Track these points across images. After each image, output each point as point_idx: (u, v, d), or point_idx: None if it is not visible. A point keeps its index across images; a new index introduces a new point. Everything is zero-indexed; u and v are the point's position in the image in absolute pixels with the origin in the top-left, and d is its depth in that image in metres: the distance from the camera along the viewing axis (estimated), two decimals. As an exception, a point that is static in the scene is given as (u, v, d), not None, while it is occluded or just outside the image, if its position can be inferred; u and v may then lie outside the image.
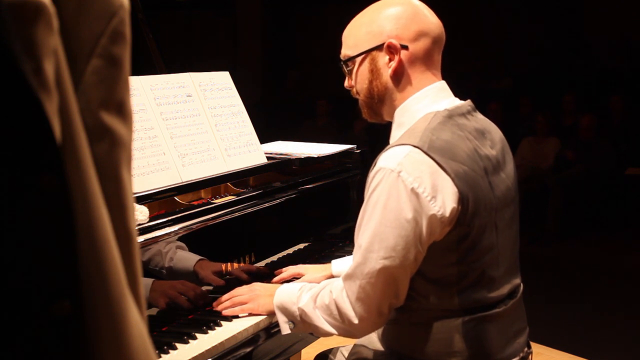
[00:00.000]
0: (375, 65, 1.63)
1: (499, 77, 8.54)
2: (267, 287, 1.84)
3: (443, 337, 1.57)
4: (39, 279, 0.52)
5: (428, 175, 1.47)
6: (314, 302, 1.64)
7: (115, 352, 0.59)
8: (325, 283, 1.68)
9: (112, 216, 0.60)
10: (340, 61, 1.70)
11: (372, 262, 1.51)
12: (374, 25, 1.62)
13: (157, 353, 1.60)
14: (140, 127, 1.92)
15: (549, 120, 6.41)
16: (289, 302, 1.69)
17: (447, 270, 1.54)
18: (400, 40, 1.59)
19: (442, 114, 1.56)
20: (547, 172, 6.21)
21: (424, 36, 1.60)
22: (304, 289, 1.68)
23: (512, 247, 1.66)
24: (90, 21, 0.59)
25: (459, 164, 1.49)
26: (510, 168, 1.68)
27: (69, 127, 0.55)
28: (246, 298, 1.81)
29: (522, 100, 7.29)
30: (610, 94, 6.81)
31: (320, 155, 2.41)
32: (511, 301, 1.63)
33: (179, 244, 1.81)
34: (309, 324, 1.66)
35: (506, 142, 1.72)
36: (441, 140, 1.50)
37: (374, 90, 1.65)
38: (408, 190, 1.46)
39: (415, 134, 1.52)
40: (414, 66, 1.61)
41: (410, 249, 1.48)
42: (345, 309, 1.57)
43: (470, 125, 1.60)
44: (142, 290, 0.65)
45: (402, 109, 1.63)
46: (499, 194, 1.58)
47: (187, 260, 1.85)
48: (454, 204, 1.48)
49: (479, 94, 8.17)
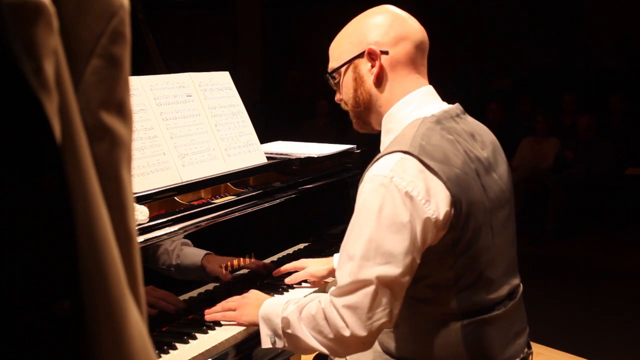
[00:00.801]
0: (358, 73, 1.65)
1: (499, 77, 8.54)
2: (258, 297, 1.79)
3: (443, 342, 1.56)
4: (39, 279, 0.52)
5: (421, 179, 1.46)
6: (299, 313, 1.57)
7: (115, 352, 0.59)
8: (314, 296, 1.62)
9: (112, 216, 0.60)
10: (327, 74, 1.73)
11: (368, 269, 1.46)
12: (355, 35, 1.66)
13: (157, 353, 1.60)
14: (140, 127, 1.92)
15: (549, 120, 6.41)
16: (273, 313, 1.64)
17: (444, 274, 1.53)
18: (380, 46, 1.62)
19: (430, 120, 1.56)
20: (547, 172, 6.21)
21: (404, 40, 1.62)
22: (291, 301, 1.64)
23: (509, 248, 1.66)
24: (90, 21, 0.59)
25: (450, 167, 1.49)
26: (503, 169, 1.67)
27: (69, 127, 0.55)
28: (234, 305, 1.79)
29: (522, 100, 7.29)
30: (610, 94, 6.81)
31: (320, 155, 2.41)
32: (511, 302, 1.63)
33: (184, 241, 1.82)
34: (290, 335, 1.59)
35: (498, 144, 1.71)
36: (431, 145, 1.50)
37: (360, 98, 1.67)
38: (402, 194, 1.45)
39: (405, 141, 1.52)
40: (396, 71, 1.62)
41: (407, 255, 1.45)
42: (334, 319, 1.50)
43: (459, 128, 1.60)
44: (142, 290, 0.65)
45: (389, 115, 1.64)
46: (492, 196, 1.57)
47: (194, 256, 1.86)
48: (447, 207, 1.47)
49: (479, 94, 8.19)
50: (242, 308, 1.77)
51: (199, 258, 1.87)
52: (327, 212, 2.45)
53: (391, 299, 1.48)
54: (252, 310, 1.73)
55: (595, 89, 7.36)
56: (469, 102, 6.52)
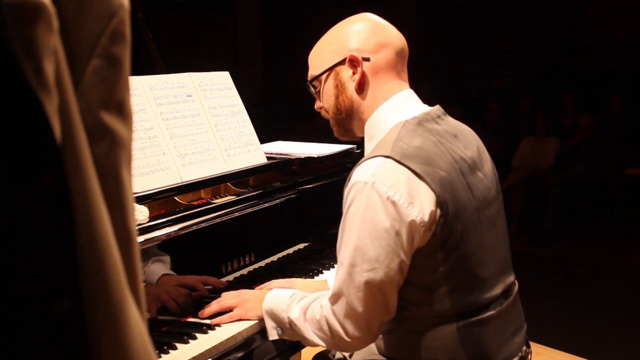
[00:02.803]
0: (339, 80, 1.66)
1: (499, 77, 8.54)
2: (255, 292, 1.81)
3: (440, 344, 1.56)
4: (39, 278, 0.52)
5: (403, 182, 1.46)
6: (304, 315, 1.62)
7: (115, 352, 0.59)
8: (316, 295, 1.66)
9: (112, 216, 0.60)
10: (307, 82, 1.74)
11: (357, 276, 1.49)
12: (335, 43, 1.67)
13: (157, 353, 1.60)
14: (140, 127, 1.92)
15: (549, 120, 6.41)
16: (278, 308, 1.67)
17: (435, 276, 1.53)
18: (362, 53, 1.62)
19: (411, 122, 1.57)
20: (547, 172, 6.21)
21: (385, 47, 1.63)
22: (294, 298, 1.66)
23: (500, 246, 1.65)
24: (90, 21, 0.59)
25: (433, 169, 1.49)
26: (488, 167, 1.68)
27: (69, 127, 0.55)
28: (234, 303, 1.77)
29: (522, 100, 7.29)
30: (610, 94, 6.81)
31: (320, 155, 2.41)
32: (506, 301, 1.63)
33: (157, 257, 1.76)
34: (298, 334, 1.65)
35: (481, 143, 1.72)
36: (412, 147, 1.51)
37: (341, 105, 1.67)
38: (384, 199, 1.46)
39: (387, 145, 1.52)
40: (378, 77, 1.63)
41: (393, 259, 1.47)
42: (335, 327, 1.55)
43: (441, 129, 1.60)
44: (142, 290, 0.65)
45: (371, 121, 1.64)
46: (478, 195, 1.57)
47: (153, 275, 1.76)
48: (432, 207, 1.47)
49: (479, 94, 8.19)
50: (244, 304, 1.77)
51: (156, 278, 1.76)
52: (327, 212, 2.45)
53: (383, 300, 1.51)
54: (255, 304, 1.74)
55: (595, 89, 7.36)
56: (469, 102, 6.54)
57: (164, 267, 1.78)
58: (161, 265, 1.77)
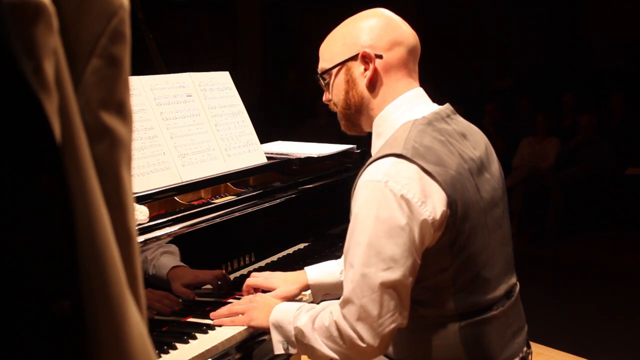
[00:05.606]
0: (350, 76, 1.65)
1: (499, 77, 8.54)
2: (267, 301, 1.77)
3: (442, 344, 1.56)
4: (39, 278, 0.52)
5: (416, 181, 1.46)
6: (312, 324, 1.57)
7: (115, 352, 0.59)
8: (325, 304, 1.62)
9: (112, 216, 0.60)
10: (317, 75, 1.73)
11: (372, 277, 1.45)
12: (348, 37, 1.65)
13: (157, 353, 1.60)
14: (140, 127, 1.92)
15: (549, 120, 6.41)
16: (285, 320, 1.63)
17: (442, 276, 1.52)
18: (375, 50, 1.61)
19: (420, 122, 1.56)
20: (547, 172, 6.20)
21: (398, 45, 1.62)
22: (302, 309, 1.63)
23: (504, 247, 1.65)
24: (90, 21, 0.59)
25: (444, 168, 1.49)
26: (495, 168, 1.68)
27: (69, 127, 0.55)
28: (242, 309, 1.77)
29: (522, 100, 7.29)
30: (610, 94, 6.81)
31: (320, 155, 2.41)
32: (508, 302, 1.63)
33: (166, 249, 1.76)
34: (305, 344, 1.59)
35: (489, 143, 1.72)
36: (424, 147, 1.50)
37: (351, 101, 1.66)
38: (398, 197, 1.45)
39: (397, 144, 1.51)
40: (389, 75, 1.63)
41: (409, 257, 1.45)
42: (346, 332, 1.49)
43: (450, 129, 1.60)
44: (142, 290, 0.65)
45: (380, 118, 1.64)
46: (485, 195, 1.57)
47: (163, 268, 1.76)
48: (444, 207, 1.47)
49: (479, 94, 8.19)
50: (250, 312, 1.75)
51: (166, 271, 1.77)
52: (327, 212, 2.45)
53: (398, 302, 1.47)
54: (262, 315, 1.71)
55: (595, 89, 7.35)
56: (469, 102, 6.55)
57: (174, 259, 1.79)
58: (170, 257, 1.78)
